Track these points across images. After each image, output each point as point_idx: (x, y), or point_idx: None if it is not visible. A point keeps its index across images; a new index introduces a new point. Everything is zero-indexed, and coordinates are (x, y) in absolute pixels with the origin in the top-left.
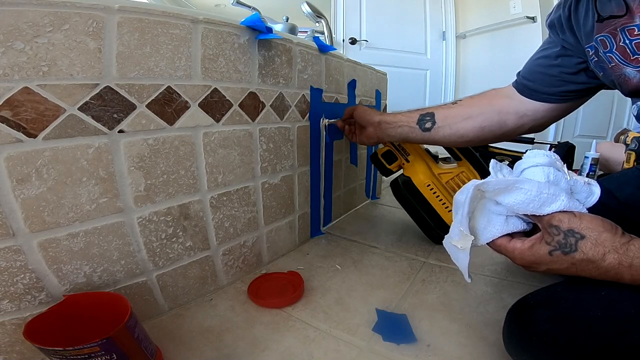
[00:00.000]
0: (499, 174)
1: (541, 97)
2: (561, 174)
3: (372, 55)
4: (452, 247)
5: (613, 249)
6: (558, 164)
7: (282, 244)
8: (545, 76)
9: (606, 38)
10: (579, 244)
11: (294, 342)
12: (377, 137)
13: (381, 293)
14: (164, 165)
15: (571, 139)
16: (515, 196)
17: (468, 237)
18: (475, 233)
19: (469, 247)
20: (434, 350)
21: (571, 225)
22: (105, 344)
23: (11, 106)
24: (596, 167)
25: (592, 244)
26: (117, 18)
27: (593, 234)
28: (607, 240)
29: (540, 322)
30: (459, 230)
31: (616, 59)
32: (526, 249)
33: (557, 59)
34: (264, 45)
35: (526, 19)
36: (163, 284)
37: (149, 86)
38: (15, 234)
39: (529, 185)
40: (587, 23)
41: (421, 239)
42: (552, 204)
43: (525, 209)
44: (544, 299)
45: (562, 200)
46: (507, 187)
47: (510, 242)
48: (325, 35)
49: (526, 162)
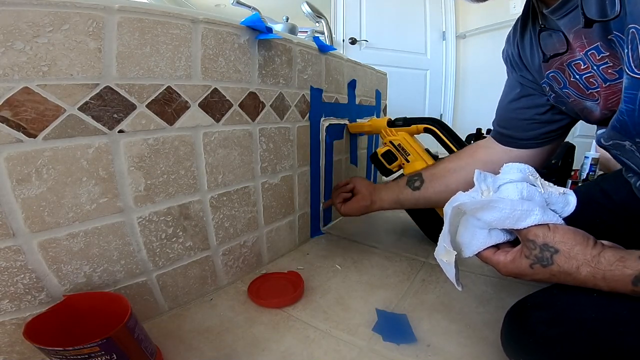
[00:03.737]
0: (483, 184)
1: (520, 143)
2: (534, 188)
3: (372, 55)
4: (440, 260)
5: (585, 262)
6: (531, 178)
7: (282, 244)
8: (519, 121)
9: (556, 74)
10: (554, 258)
11: (294, 342)
12: (367, 209)
13: (381, 293)
14: (164, 165)
15: (571, 139)
16: (492, 214)
17: (451, 253)
18: (461, 246)
19: (453, 260)
20: (434, 350)
21: (545, 239)
22: (105, 344)
23: (11, 106)
24: (596, 167)
25: (565, 257)
26: (117, 18)
27: (566, 248)
28: (579, 254)
29: (537, 324)
30: (443, 246)
31: (573, 95)
32: (508, 262)
33: (520, 100)
34: (264, 45)
35: None
36: (163, 284)
37: (149, 86)
38: (15, 234)
39: (502, 204)
40: (534, 60)
41: (421, 239)
42: (526, 219)
43: (503, 225)
44: (541, 301)
45: (536, 215)
46: (483, 206)
47: (495, 254)
48: (325, 35)
49: (501, 178)
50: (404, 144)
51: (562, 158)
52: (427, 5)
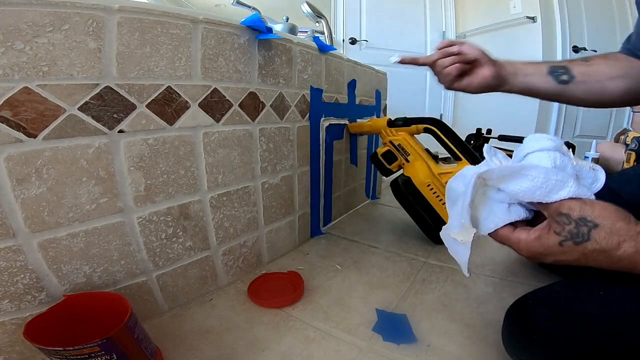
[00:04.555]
0: (494, 158)
1: None
2: (567, 158)
3: (372, 55)
4: (450, 240)
5: (630, 237)
6: (564, 148)
7: (282, 244)
8: None
9: None
10: (592, 233)
11: (294, 342)
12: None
13: (381, 293)
14: (164, 165)
15: (571, 139)
16: (521, 183)
17: (470, 230)
18: (476, 223)
19: (470, 239)
20: (434, 350)
21: (583, 213)
22: (105, 344)
23: (11, 106)
24: None
25: (606, 232)
26: (117, 18)
27: (607, 222)
28: (622, 229)
29: (540, 321)
30: (459, 222)
31: None
32: (532, 239)
33: None
34: (264, 45)
35: (526, 19)
36: (163, 284)
37: (149, 86)
38: (15, 234)
39: (536, 171)
40: None
41: (421, 239)
42: (560, 190)
43: (532, 197)
44: (543, 298)
45: (571, 187)
46: (512, 174)
47: (514, 232)
48: (325, 35)
49: (530, 146)
50: (404, 144)
51: None
52: (427, 5)
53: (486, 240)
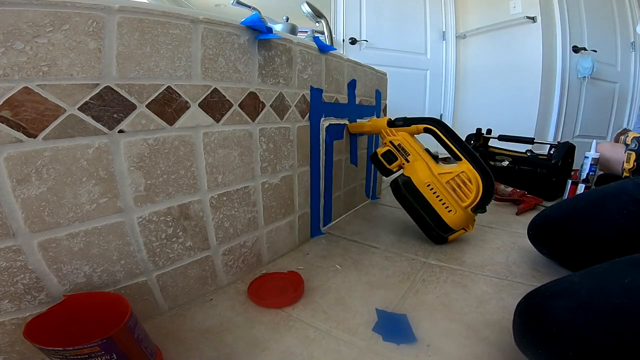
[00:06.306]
0: None
1: None
2: None
3: (372, 55)
4: None
5: None
6: None
7: (282, 244)
8: None
9: None
10: None
11: (294, 342)
12: None
13: (381, 293)
14: (164, 165)
15: (571, 139)
16: None
17: None
18: None
19: None
20: (434, 350)
21: None
22: (105, 344)
23: (11, 106)
24: (596, 167)
25: None
26: (117, 18)
27: None
28: None
29: (561, 313)
30: None
31: None
32: None
33: None
34: (264, 45)
35: (526, 19)
36: (163, 284)
37: (149, 86)
38: (15, 234)
39: None
40: None
41: (421, 239)
42: None
43: None
44: (562, 289)
45: None
46: None
47: None
48: (325, 35)
49: None
50: (404, 144)
51: (562, 158)
52: (427, 5)
53: (486, 240)
